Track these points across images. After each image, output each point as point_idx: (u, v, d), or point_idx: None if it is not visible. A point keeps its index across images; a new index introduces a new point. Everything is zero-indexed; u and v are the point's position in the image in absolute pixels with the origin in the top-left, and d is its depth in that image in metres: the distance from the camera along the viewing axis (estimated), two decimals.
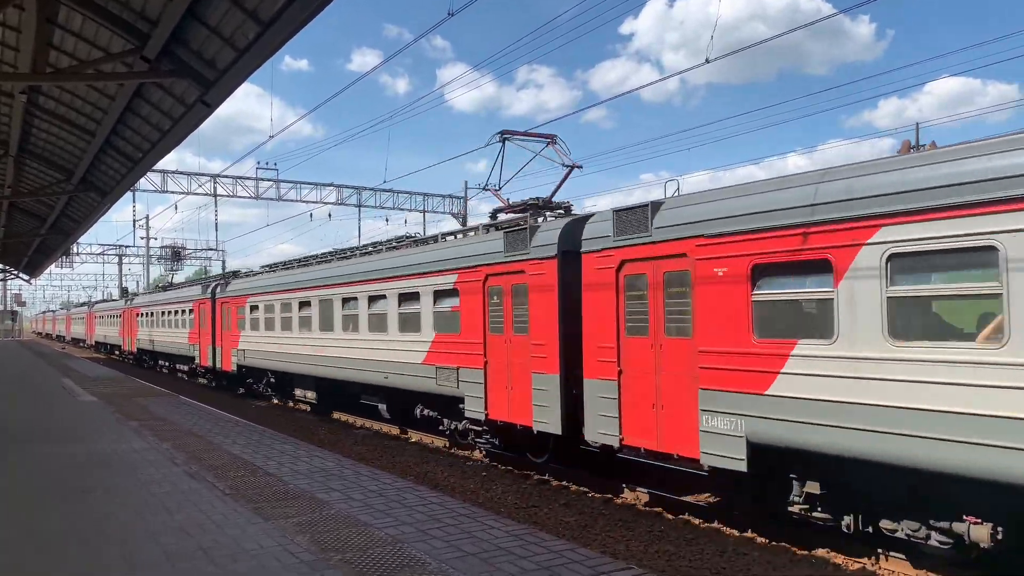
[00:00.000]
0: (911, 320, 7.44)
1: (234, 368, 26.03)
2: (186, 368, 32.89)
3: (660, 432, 9.83)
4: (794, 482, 8.57)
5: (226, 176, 39.78)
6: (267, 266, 26.76)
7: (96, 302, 67.11)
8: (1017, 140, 6.70)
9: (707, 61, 12.56)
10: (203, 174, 39.74)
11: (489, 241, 13.19)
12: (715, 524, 10.02)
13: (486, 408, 12.95)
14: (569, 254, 11.30)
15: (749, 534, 9.54)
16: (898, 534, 7.74)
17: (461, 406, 13.72)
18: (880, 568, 8.30)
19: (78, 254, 60.45)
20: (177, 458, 10.43)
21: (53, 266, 57.55)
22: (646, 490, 11.45)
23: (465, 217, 45.37)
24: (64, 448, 11.28)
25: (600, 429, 10.71)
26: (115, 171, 19.15)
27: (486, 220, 16.34)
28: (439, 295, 14.36)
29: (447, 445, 15.78)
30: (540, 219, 13.02)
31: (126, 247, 63.72)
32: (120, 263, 67.76)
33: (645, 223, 10.00)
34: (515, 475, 13.13)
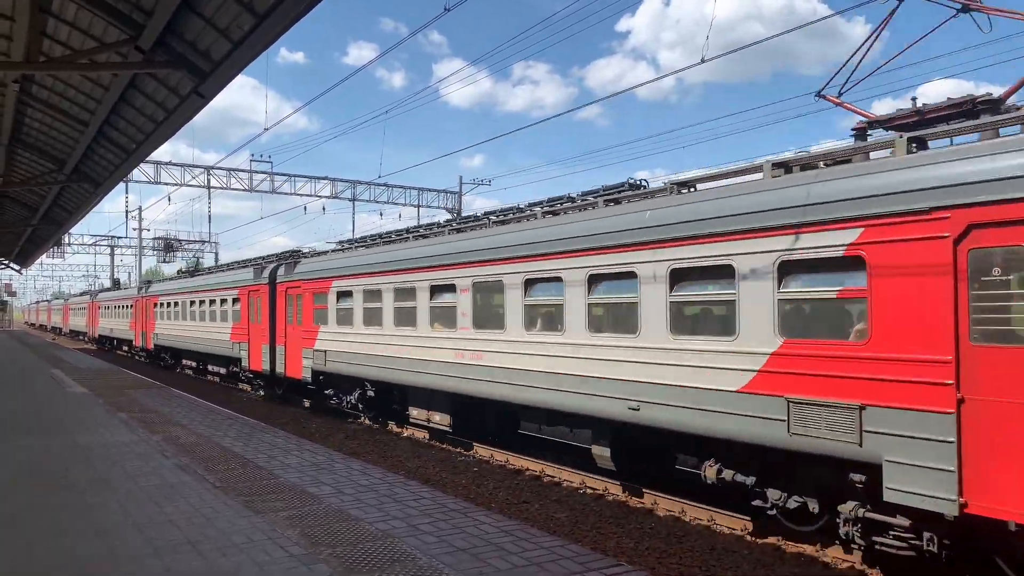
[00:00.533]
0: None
1: (307, 375, 19.83)
2: (223, 371, 27.62)
3: None
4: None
5: (220, 168, 39.71)
6: (350, 241, 20.68)
7: (100, 290, 61.26)
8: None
9: (703, 61, 12.55)
10: (197, 166, 39.65)
11: None
12: (706, 522, 10.06)
13: (960, 495, 6.69)
14: None
15: (739, 532, 9.58)
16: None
17: (856, 478, 7.87)
18: (868, 571, 8.34)
19: (70, 244, 60.13)
20: (167, 450, 10.40)
21: (44, 256, 57.29)
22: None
23: (459, 212, 45.32)
24: (51, 440, 11.23)
25: None
26: (108, 162, 19.04)
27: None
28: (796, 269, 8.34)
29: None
30: None
31: (118, 238, 63.41)
32: (112, 254, 67.47)
33: None
34: (507, 471, 13.14)
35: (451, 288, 14.10)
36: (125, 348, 44.98)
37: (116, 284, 59.50)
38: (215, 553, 5.91)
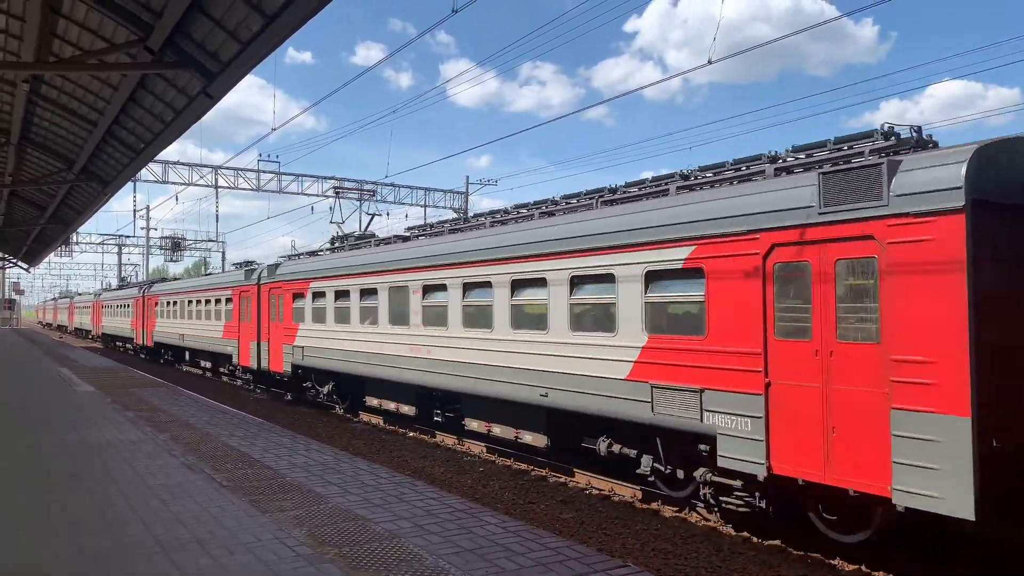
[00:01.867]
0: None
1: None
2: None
3: None
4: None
5: (227, 168, 39.84)
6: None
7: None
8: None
9: (709, 62, 12.56)
10: (205, 165, 39.81)
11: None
12: (711, 523, 10.05)
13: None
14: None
15: (745, 534, 9.57)
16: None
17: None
18: (874, 573, 8.33)
19: (77, 243, 60.43)
20: (174, 449, 10.45)
21: (52, 255, 57.54)
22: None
23: (466, 212, 45.39)
24: (59, 438, 11.29)
25: None
26: (116, 161, 19.15)
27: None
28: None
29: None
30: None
31: (126, 237, 63.71)
32: (120, 253, 67.72)
33: None
34: (513, 471, 13.15)
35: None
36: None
37: (124, 283, 59.75)
38: (222, 552, 5.94)
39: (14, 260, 55.23)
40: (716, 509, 9.93)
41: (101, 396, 17.00)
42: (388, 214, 45.34)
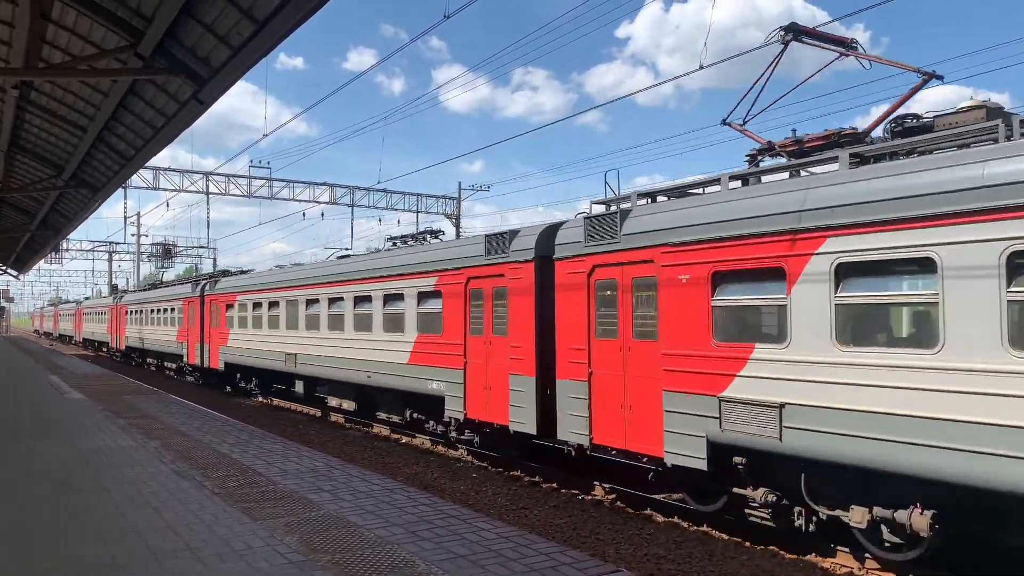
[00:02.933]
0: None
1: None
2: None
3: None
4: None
5: (219, 174, 39.67)
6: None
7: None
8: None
9: (701, 67, 12.62)
10: (195, 172, 39.62)
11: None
12: (704, 528, 10.06)
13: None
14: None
15: (738, 538, 9.57)
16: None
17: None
18: (868, 574, 8.35)
19: (67, 250, 60.04)
20: (165, 456, 10.38)
21: (42, 262, 57.19)
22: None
23: (458, 218, 45.37)
24: (49, 445, 11.20)
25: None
26: (107, 167, 19.05)
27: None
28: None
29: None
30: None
31: (116, 244, 63.33)
32: (110, 260, 67.41)
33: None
34: (506, 477, 13.13)
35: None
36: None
37: (114, 290, 59.48)
38: (214, 559, 5.90)
39: (3, 267, 54.83)
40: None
41: (91, 403, 16.88)
42: (380, 220, 45.33)
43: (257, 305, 23.42)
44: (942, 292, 7.02)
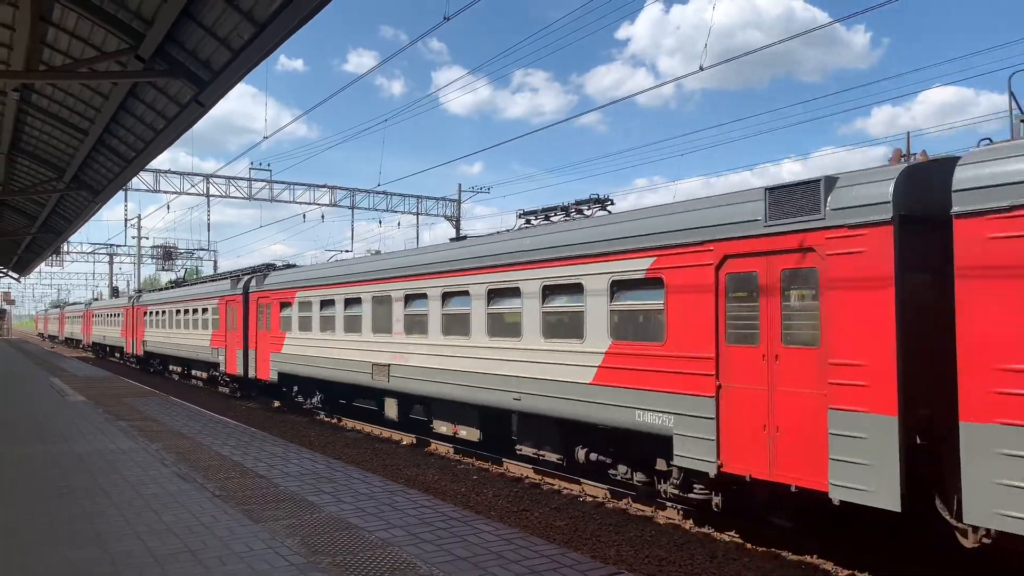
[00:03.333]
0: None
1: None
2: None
3: None
4: None
5: (219, 176, 39.65)
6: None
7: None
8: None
9: (701, 69, 12.62)
10: (196, 174, 39.62)
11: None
12: (706, 529, 10.04)
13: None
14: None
15: (740, 539, 9.56)
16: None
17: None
18: (868, 574, 8.33)
19: (68, 253, 60.07)
20: (166, 459, 10.38)
21: (43, 265, 57.21)
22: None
23: (458, 219, 45.38)
24: (49, 448, 11.20)
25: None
26: (107, 170, 19.08)
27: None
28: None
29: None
30: None
31: (117, 246, 63.35)
32: (111, 262, 67.44)
33: None
34: (507, 479, 13.12)
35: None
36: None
37: (115, 292, 59.47)
38: (215, 562, 5.89)
39: (4, 270, 54.87)
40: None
41: (93, 406, 16.88)
42: (380, 222, 45.34)
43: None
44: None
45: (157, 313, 35.54)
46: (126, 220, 52.78)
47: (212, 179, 39.52)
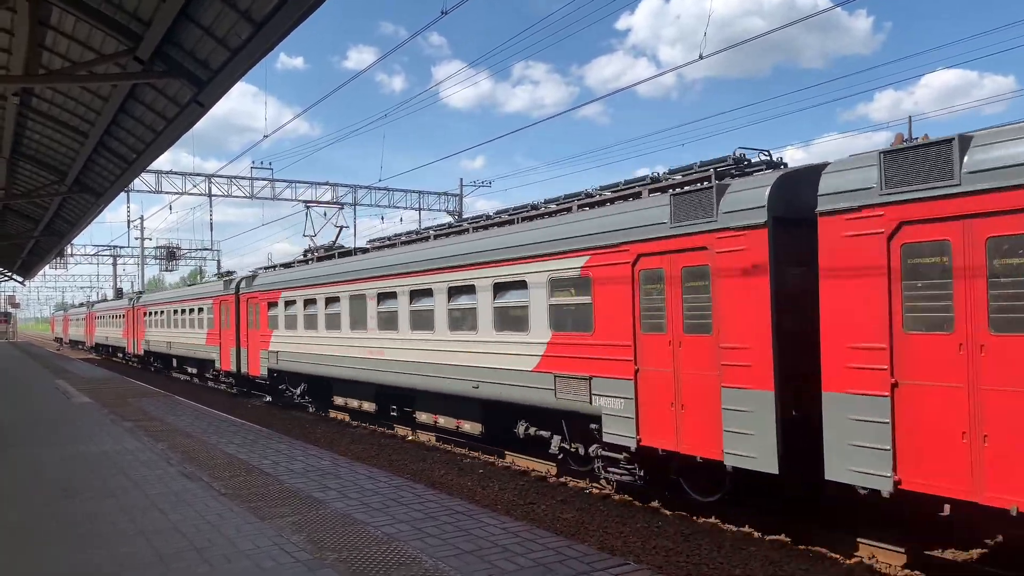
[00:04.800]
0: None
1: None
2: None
3: None
4: None
5: (221, 176, 39.67)
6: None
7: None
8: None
9: (700, 57, 12.56)
10: (198, 174, 39.63)
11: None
12: (713, 519, 10.05)
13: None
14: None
15: (747, 529, 9.57)
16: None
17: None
18: (878, 562, 8.34)
19: (72, 255, 60.25)
20: (172, 458, 10.42)
21: (47, 267, 57.40)
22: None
23: (460, 214, 45.35)
24: (56, 450, 11.26)
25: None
26: (109, 172, 19.10)
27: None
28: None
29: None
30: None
31: (120, 248, 63.44)
32: (115, 264, 67.56)
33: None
34: (512, 472, 13.14)
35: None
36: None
37: (119, 294, 59.64)
38: (221, 560, 5.92)
39: (9, 273, 55.05)
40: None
41: (98, 407, 16.95)
42: (383, 218, 45.34)
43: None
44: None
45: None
46: (129, 221, 52.99)
47: (214, 179, 39.55)
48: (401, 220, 45.66)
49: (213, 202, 43.40)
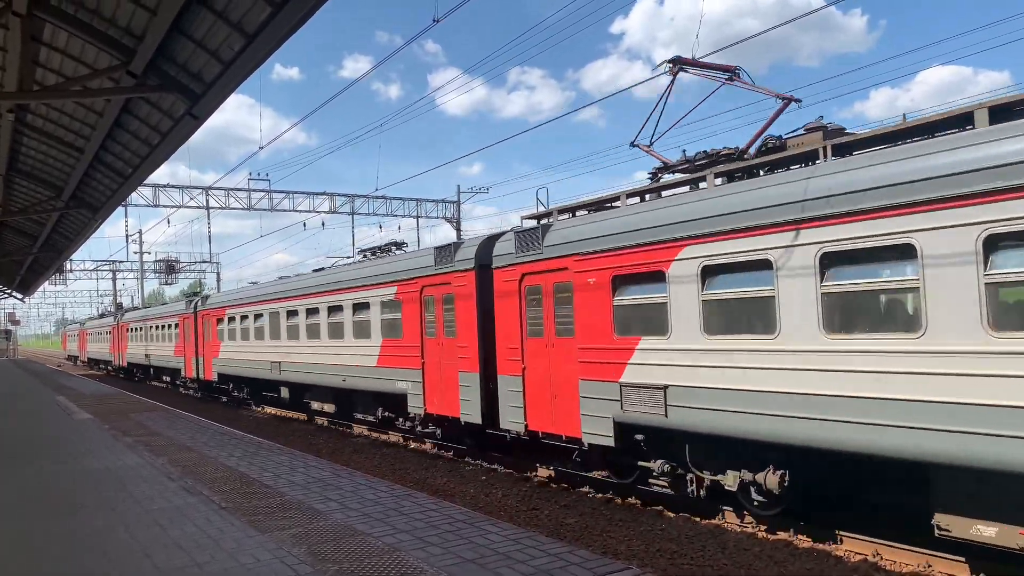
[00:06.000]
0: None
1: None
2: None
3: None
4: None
5: (218, 188, 39.68)
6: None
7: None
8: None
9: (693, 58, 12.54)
10: (195, 187, 39.63)
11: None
12: (716, 520, 10.02)
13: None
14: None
15: (751, 529, 9.54)
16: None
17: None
18: (882, 560, 8.30)
19: (71, 271, 60.19)
20: (172, 473, 10.38)
21: (47, 284, 57.36)
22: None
23: (459, 221, 45.36)
24: (57, 465, 11.22)
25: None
26: (105, 187, 19.09)
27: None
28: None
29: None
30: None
31: (119, 262, 63.43)
32: (114, 279, 67.54)
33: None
34: (515, 478, 13.10)
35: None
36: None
37: (119, 308, 59.60)
38: (221, 574, 5.89)
39: (8, 291, 55.02)
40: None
41: (99, 423, 16.91)
42: (381, 227, 45.36)
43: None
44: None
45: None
46: (127, 236, 52.97)
47: (211, 191, 39.56)
48: (399, 228, 45.69)
49: (211, 214, 43.42)
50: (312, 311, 19.85)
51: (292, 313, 21.10)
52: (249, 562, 6.16)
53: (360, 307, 17.40)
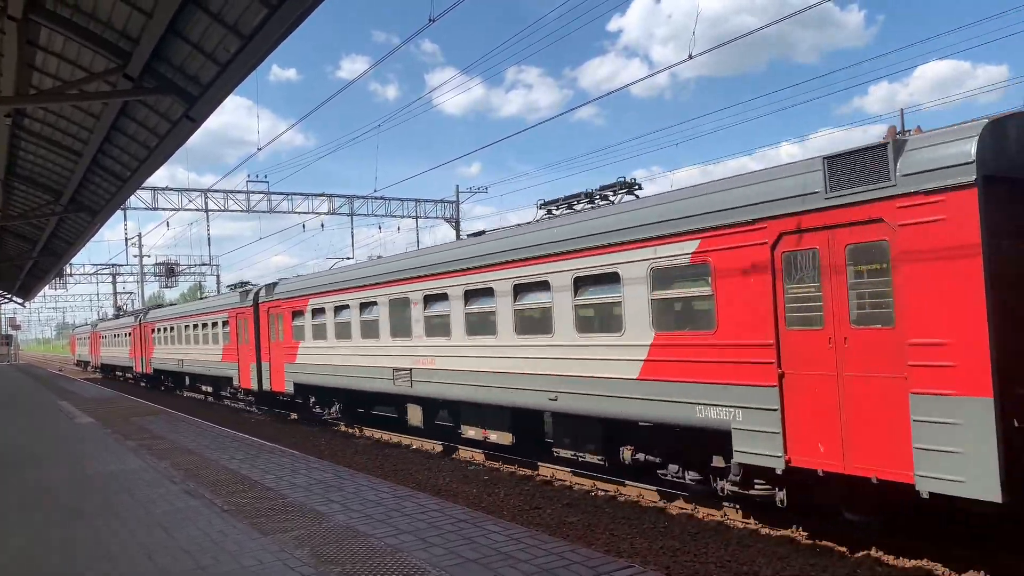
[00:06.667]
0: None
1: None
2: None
3: None
4: None
5: (217, 190, 39.67)
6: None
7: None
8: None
9: (690, 57, 12.54)
10: (193, 189, 39.66)
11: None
12: (719, 517, 10.01)
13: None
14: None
15: (753, 526, 9.53)
16: None
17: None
18: (884, 556, 8.30)
19: (71, 275, 60.21)
20: (175, 476, 10.38)
21: (47, 288, 57.34)
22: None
23: (458, 221, 45.36)
24: (60, 470, 11.21)
25: None
26: (104, 190, 19.09)
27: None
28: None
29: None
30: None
31: (119, 266, 63.46)
32: (114, 282, 67.55)
33: None
34: (518, 477, 13.10)
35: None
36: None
37: (119, 311, 59.56)
38: None
39: (8, 295, 55.02)
40: None
41: (101, 427, 16.91)
42: (380, 228, 45.33)
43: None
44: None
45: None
46: (127, 239, 52.94)
47: (210, 193, 39.56)
48: (399, 229, 45.69)
49: (210, 216, 43.41)
50: (477, 293, 13.48)
51: (435, 298, 14.71)
52: (252, 564, 6.15)
53: (599, 281, 11.01)
